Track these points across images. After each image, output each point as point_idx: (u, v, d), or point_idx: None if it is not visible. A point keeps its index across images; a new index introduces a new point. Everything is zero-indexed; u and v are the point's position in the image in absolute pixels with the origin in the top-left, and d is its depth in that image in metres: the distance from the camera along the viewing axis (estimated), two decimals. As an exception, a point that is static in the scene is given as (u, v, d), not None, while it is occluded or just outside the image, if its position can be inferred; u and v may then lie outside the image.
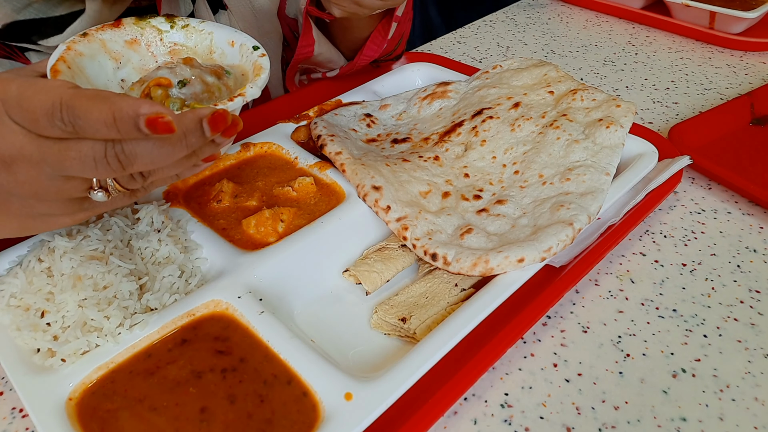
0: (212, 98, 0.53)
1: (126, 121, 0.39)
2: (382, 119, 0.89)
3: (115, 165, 0.42)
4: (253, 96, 0.51)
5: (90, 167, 0.42)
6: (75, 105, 0.39)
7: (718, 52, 1.20)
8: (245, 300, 0.58)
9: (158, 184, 0.51)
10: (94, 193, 0.46)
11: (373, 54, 0.95)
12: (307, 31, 0.91)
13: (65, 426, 0.47)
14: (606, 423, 0.54)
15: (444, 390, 0.52)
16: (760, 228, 0.75)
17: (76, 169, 0.42)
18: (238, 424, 0.48)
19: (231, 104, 0.49)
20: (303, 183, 0.72)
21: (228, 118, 0.43)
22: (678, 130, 0.87)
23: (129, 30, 0.58)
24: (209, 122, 0.42)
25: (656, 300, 0.66)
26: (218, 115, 0.42)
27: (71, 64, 0.51)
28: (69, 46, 0.53)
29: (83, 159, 0.41)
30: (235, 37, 0.59)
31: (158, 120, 0.39)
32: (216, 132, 0.43)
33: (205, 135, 0.43)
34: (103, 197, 0.47)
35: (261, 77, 0.53)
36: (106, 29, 0.56)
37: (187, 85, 0.52)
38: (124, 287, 0.56)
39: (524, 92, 0.85)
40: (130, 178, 0.46)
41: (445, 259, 0.61)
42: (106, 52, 0.56)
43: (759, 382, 0.57)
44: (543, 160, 0.74)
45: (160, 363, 0.53)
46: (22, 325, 0.53)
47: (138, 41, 0.58)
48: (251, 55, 0.57)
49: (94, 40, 0.55)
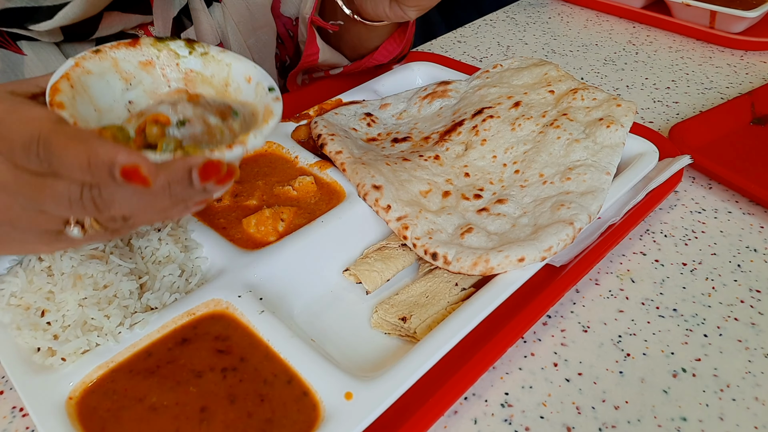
0: (212, 141, 0.50)
1: (100, 168, 0.37)
2: (382, 118, 0.89)
3: (91, 208, 0.40)
4: (255, 146, 0.47)
5: (64, 207, 0.40)
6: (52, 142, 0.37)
7: (719, 52, 1.20)
8: (245, 299, 0.58)
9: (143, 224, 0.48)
10: (69, 229, 0.44)
11: (383, 59, 0.96)
12: (311, 40, 0.91)
13: (65, 425, 0.47)
14: (606, 422, 0.54)
15: (444, 389, 0.52)
16: (761, 227, 0.75)
17: (50, 207, 0.41)
18: (238, 424, 0.48)
19: (228, 153, 0.45)
20: (303, 182, 0.72)
21: (222, 169, 0.40)
22: (678, 129, 0.87)
23: (145, 51, 0.55)
24: (200, 172, 0.39)
25: (657, 299, 0.66)
26: (211, 165, 0.40)
27: (75, 83, 0.49)
28: (77, 63, 0.50)
29: (57, 198, 0.40)
30: (252, 73, 0.56)
31: (134, 171, 0.36)
32: (206, 182, 0.40)
33: (194, 185, 0.40)
34: (78, 234, 0.44)
35: (268, 125, 0.50)
36: (121, 47, 0.54)
37: (186, 125, 0.49)
38: (124, 286, 0.56)
39: (525, 91, 0.85)
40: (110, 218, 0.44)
41: (445, 259, 0.61)
42: (116, 72, 0.53)
43: (759, 382, 0.57)
44: (543, 160, 0.74)
45: (161, 362, 0.53)
46: (22, 324, 0.53)
47: (153, 63, 0.55)
48: (265, 96, 0.54)
49: (105, 58, 0.53)
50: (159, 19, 0.78)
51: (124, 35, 0.77)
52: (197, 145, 0.49)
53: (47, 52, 0.71)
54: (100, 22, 0.72)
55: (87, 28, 0.72)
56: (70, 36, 0.71)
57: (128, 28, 0.77)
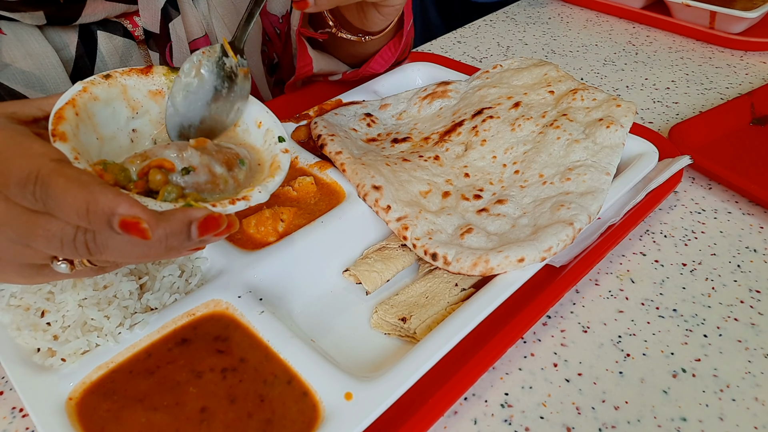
0: (216, 190, 0.49)
1: (99, 216, 0.36)
2: (382, 119, 0.89)
3: (83, 251, 0.39)
4: (258, 201, 0.47)
5: (55, 247, 0.39)
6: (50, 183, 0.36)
7: (719, 52, 1.20)
8: (245, 299, 0.58)
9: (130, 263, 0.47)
10: (57, 264, 0.43)
11: (379, 68, 0.95)
12: (302, 51, 0.90)
13: (65, 426, 0.47)
14: (606, 423, 0.54)
15: (444, 390, 0.52)
16: (761, 228, 0.75)
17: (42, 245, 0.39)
18: (238, 424, 0.48)
19: (231, 207, 0.45)
20: (303, 182, 0.72)
21: (222, 223, 0.40)
22: (678, 129, 0.87)
23: (157, 80, 0.54)
24: (199, 226, 0.39)
25: (656, 300, 0.66)
26: (211, 219, 0.40)
27: (80, 110, 0.48)
28: (85, 88, 0.49)
29: (49, 238, 0.39)
30: (264, 119, 0.56)
31: (134, 224, 0.36)
32: (204, 235, 0.40)
33: (191, 238, 0.39)
34: (66, 269, 0.43)
35: (274, 180, 0.49)
36: (133, 74, 0.53)
37: (191, 173, 0.48)
38: (124, 287, 0.56)
39: (524, 92, 0.85)
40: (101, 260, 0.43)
41: (445, 259, 0.61)
42: (124, 99, 0.52)
43: (759, 382, 0.57)
44: (543, 160, 0.74)
45: (160, 363, 0.53)
46: (22, 324, 0.53)
47: (163, 93, 0.55)
48: (274, 147, 0.54)
49: (115, 85, 0.52)
50: (146, 9, 0.77)
51: (108, 23, 0.76)
52: (200, 194, 0.48)
53: (27, 33, 0.70)
54: (84, 8, 0.72)
55: (70, 13, 0.71)
56: (52, 20, 0.71)
57: (112, 15, 0.76)
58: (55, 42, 0.73)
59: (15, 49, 0.69)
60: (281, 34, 1.01)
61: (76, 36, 0.74)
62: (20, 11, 0.67)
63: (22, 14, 0.68)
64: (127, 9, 0.77)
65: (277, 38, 1.02)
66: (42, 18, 0.69)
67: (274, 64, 1.07)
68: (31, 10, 0.68)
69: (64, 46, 0.74)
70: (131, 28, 0.79)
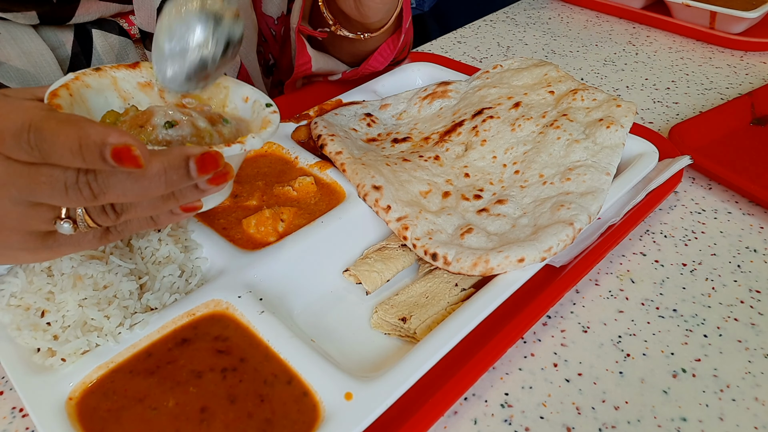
0: (201, 143, 0.50)
1: (91, 149, 0.36)
2: (382, 119, 0.89)
3: (87, 192, 0.39)
4: (253, 147, 0.48)
5: (60, 192, 0.39)
6: (43, 128, 0.37)
7: (719, 52, 1.20)
8: (245, 299, 0.58)
9: (132, 229, 0.48)
10: (60, 224, 0.43)
11: (378, 66, 0.95)
12: (301, 49, 0.91)
13: (65, 426, 0.47)
14: (606, 423, 0.54)
15: (444, 390, 0.52)
16: (761, 228, 0.75)
17: (46, 194, 0.40)
18: (238, 424, 0.48)
19: (226, 149, 0.46)
20: (303, 182, 0.72)
21: (220, 162, 0.40)
22: (678, 130, 0.87)
23: (145, 73, 0.56)
24: (197, 162, 0.39)
25: (656, 300, 0.66)
26: (209, 156, 0.40)
27: (74, 93, 0.50)
28: (78, 76, 0.51)
29: (53, 183, 0.39)
30: (249, 94, 0.57)
31: (125, 151, 0.36)
32: (203, 174, 0.40)
33: (190, 175, 0.40)
34: (69, 229, 0.43)
35: (267, 130, 0.51)
36: (122, 68, 0.55)
37: (175, 127, 0.49)
38: (124, 287, 0.56)
39: (525, 92, 0.85)
40: (102, 211, 0.43)
41: (445, 259, 0.61)
42: (115, 90, 0.55)
43: (759, 382, 0.57)
44: (543, 160, 0.74)
45: (161, 362, 0.53)
46: (22, 324, 0.53)
47: (152, 85, 0.57)
48: (262, 111, 0.55)
49: (105, 76, 0.54)
50: (141, 9, 0.77)
51: (103, 22, 0.76)
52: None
53: (22, 31, 0.70)
54: (77, 8, 0.72)
55: (64, 13, 0.71)
56: (46, 20, 0.71)
57: (106, 15, 0.76)
58: (51, 41, 0.73)
59: (9, 47, 0.69)
60: (277, 35, 1.01)
61: (72, 34, 0.74)
62: (13, 11, 0.67)
63: (15, 14, 0.68)
64: (121, 9, 0.76)
65: (273, 39, 1.02)
66: (35, 18, 0.69)
67: (271, 65, 1.08)
68: (24, 9, 0.68)
69: (60, 45, 0.74)
70: (127, 27, 0.79)
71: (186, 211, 0.46)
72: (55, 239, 0.46)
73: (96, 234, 0.46)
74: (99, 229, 0.46)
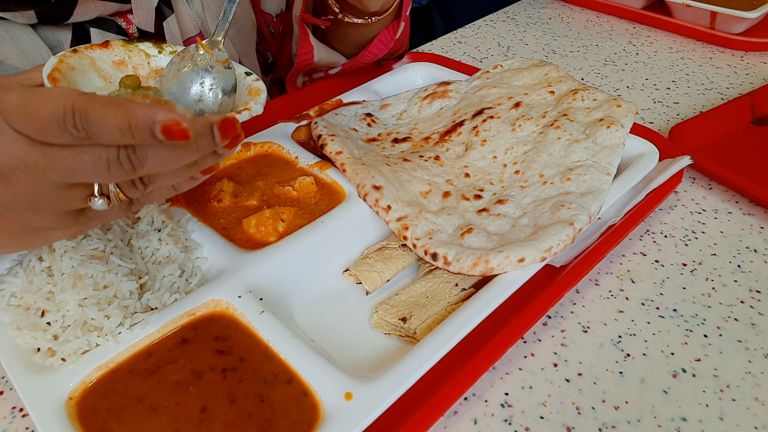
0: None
1: (142, 128, 0.39)
2: (382, 119, 0.89)
3: (128, 167, 0.42)
4: (257, 112, 0.52)
5: (102, 169, 0.42)
6: (89, 111, 0.39)
7: (719, 52, 1.20)
8: (245, 299, 0.58)
9: (155, 197, 0.51)
10: (94, 201, 0.46)
11: (378, 53, 0.95)
12: (304, 38, 0.91)
13: (65, 425, 0.47)
14: (606, 423, 0.54)
15: (444, 390, 0.52)
16: (761, 228, 0.75)
17: (89, 173, 0.42)
18: (238, 424, 0.48)
19: (239, 116, 0.50)
20: (303, 182, 0.72)
21: (237, 127, 0.44)
22: (679, 130, 0.87)
23: (117, 51, 0.58)
24: (219, 128, 0.43)
25: (656, 300, 0.66)
26: (229, 122, 0.43)
27: (66, 75, 0.51)
28: (61, 59, 0.52)
29: (97, 161, 0.41)
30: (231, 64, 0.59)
31: (174, 127, 0.39)
32: (226, 138, 0.43)
33: (215, 140, 0.43)
34: (103, 205, 0.46)
35: (261, 96, 0.55)
36: (96, 48, 0.57)
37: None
38: (124, 286, 0.56)
39: (525, 92, 0.85)
40: (132, 184, 0.46)
41: (445, 259, 0.61)
42: (95, 70, 0.56)
43: (759, 382, 0.57)
44: (543, 160, 0.74)
45: (160, 362, 0.53)
46: (22, 324, 0.53)
47: (126, 63, 0.59)
48: (244, 81, 0.58)
49: (84, 57, 0.55)
50: (139, 8, 0.77)
51: (101, 21, 0.76)
52: None
53: (19, 30, 0.70)
54: (76, 7, 0.72)
55: (62, 12, 0.71)
56: (44, 19, 0.71)
57: (105, 14, 0.76)
58: (49, 40, 0.73)
59: (8, 46, 0.69)
60: (276, 33, 1.01)
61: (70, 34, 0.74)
62: (11, 10, 0.67)
63: (13, 13, 0.68)
64: (119, 8, 0.76)
65: (271, 37, 1.02)
66: (33, 17, 0.69)
67: (270, 63, 1.08)
68: (21, 9, 0.68)
69: (58, 44, 0.74)
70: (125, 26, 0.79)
71: (204, 174, 0.49)
72: (86, 215, 0.48)
73: (123, 206, 0.49)
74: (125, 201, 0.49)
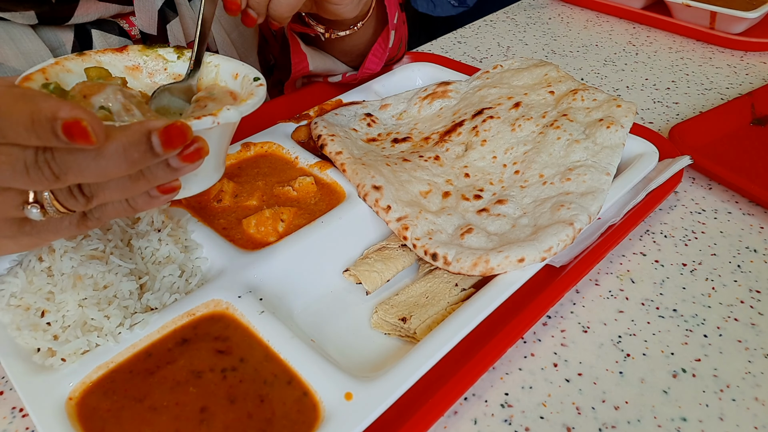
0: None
1: (44, 125, 0.35)
2: (382, 119, 0.89)
3: (47, 172, 0.38)
4: (228, 119, 0.45)
5: (21, 173, 0.38)
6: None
7: (719, 52, 1.20)
8: (245, 300, 0.58)
9: (109, 214, 0.45)
10: (28, 209, 0.41)
11: (375, 67, 0.95)
12: (295, 48, 0.90)
13: (65, 426, 0.47)
14: (606, 423, 0.54)
15: (444, 390, 0.52)
16: (761, 228, 0.75)
17: (7, 176, 0.38)
18: (238, 424, 0.48)
19: (195, 122, 0.43)
20: (303, 183, 0.72)
21: (188, 135, 0.38)
22: (678, 130, 0.87)
23: (132, 56, 0.56)
24: (161, 135, 0.37)
25: (656, 300, 0.66)
26: (174, 128, 0.37)
27: (50, 77, 0.48)
28: (58, 61, 0.50)
29: (14, 163, 0.37)
30: (239, 70, 0.57)
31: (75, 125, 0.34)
32: (169, 149, 0.37)
33: (155, 151, 0.37)
34: (37, 214, 0.42)
35: (247, 102, 0.49)
36: (107, 53, 0.54)
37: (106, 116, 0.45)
38: (124, 287, 0.56)
39: (525, 92, 0.85)
40: (69, 194, 0.41)
41: (445, 259, 0.61)
42: None
43: (759, 382, 0.57)
44: (543, 160, 0.74)
45: (160, 362, 0.53)
46: (22, 324, 0.53)
47: (140, 68, 0.56)
48: (250, 86, 0.55)
49: (89, 61, 0.53)
50: (142, 11, 0.77)
51: (102, 23, 0.76)
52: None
53: (20, 32, 0.70)
54: (77, 8, 0.71)
55: (62, 13, 0.71)
56: (44, 20, 0.70)
57: (106, 16, 0.75)
58: (51, 41, 0.73)
59: (7, 48, 0.69)
60: (277, 35, 1.01)
61: (72, 35, 0.74)
62: (11, 10, 0.67)
63: (13, 14, 0.68)
64: (121, 10, 0.76)
65: (273, 40, 1.02)
66: (33, 18, 0.69)
67: (272, 65, 1.08)
68: (22, 9, 0.67)
69: (60, 45, 0.74)
70: (127, 28, 0.78)
71: (164, 192, 0.43)
72: (32, 225, 0.45)
73: (73, 220, 0.45)
74: (75, 215, 0.45)
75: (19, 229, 0.45)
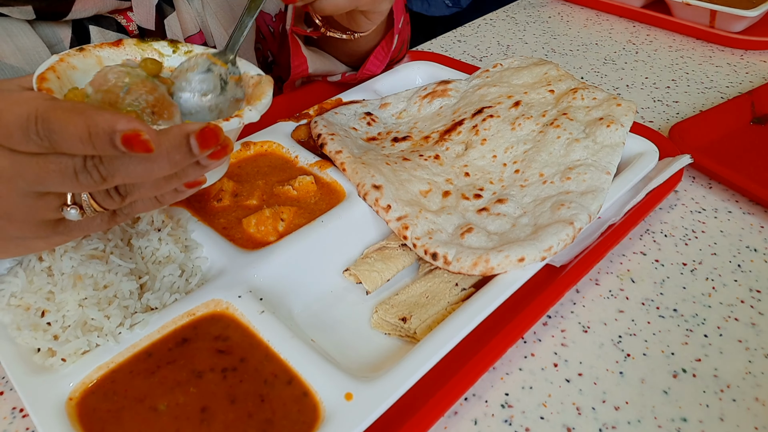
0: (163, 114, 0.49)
1: (101, 137, 0.37)
2: (382, 118, 0.88)
3: (96, 177, 0.40)
4: (251, 119, 0.49)
5: (70, 179, 0.40)
6: (50, 118, 0.38)
7: (719, 51, 1.20)
8: (245, 299, 0.58)
9: (138, 209, 0.49)
10: (67, 211, 0.44)
11: (375, 70, 0.95)
12: (296, 50, 0.90)
13: (65, 426, 0.47)
14: (606, 423, 0.54)
15: (444, 390, 0.52)
16: (761, 227, 0.75)
17: (57, 182, 0.40)
18: (238, 424, 0.48)
19: (225, 123, 0.46)
20: (303, 182, 0.72)
21: (220, 137, 0.41)
22: (678, 128, 0.87)
23: (129, 50, 0.57)
24: (198, 138, 0.40)
25: (657, 299, 0.66)
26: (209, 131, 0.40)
27: (61, 75, 0.50)
28: (62, 58, 0.51)
29: (64, 170, 0.39)
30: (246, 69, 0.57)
31: (135, 137, 0.37)
32: (205, 149, 0.40)
33: (193, 152, 0.40)
34: (76, 215, 0.44)
35: (261, 102, 0.51)
36: (105, 47, 0.55)
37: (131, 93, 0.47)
38: (124, 286, 0.56)
39: (525, 91, 0.85)
40: (107, 194, 0.44)
41: (445, 259, 0.61)
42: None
43: (759, 382, 0.57)
44: (543, 159, 0.73)
45: (161, 362, 0.53)
46: (22, 324, 0.53)
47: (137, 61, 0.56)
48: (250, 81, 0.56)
49: (90, 56, 0.54)
50: (140, 6, 0.77)
51: (100, 19, 0.76)
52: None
53: (17, 28, 0.70)
54: (74, 3, 0.71)
55: (60, 8, 0.71)
56: (42, 15, 0.70)
57: (103, 11, 0.75)
58: (48, 37, 0.72)
59: (4, 44, 0.69)
60: (275, 32, 1.01)
61: (70, 31, 0.74)
62: (8, 5, 0.67)
63: (10, 8, 0.67)
64: (118, 5, 0.76)
65: (270, 36, 1.02)
66: (31, 13, 0.69)
67: (270, 62, 1.07)
68: (19, 4, 0.67)
69: (58, 41, 0.73)
70: (125, 23, 0.78)
71: (190, 187, 0.47)
72: (65, 225, 0.47)
73: (104, 217, 0.48)
74: (107, 212, 0.47)
75: (53, 229, 0.47)
